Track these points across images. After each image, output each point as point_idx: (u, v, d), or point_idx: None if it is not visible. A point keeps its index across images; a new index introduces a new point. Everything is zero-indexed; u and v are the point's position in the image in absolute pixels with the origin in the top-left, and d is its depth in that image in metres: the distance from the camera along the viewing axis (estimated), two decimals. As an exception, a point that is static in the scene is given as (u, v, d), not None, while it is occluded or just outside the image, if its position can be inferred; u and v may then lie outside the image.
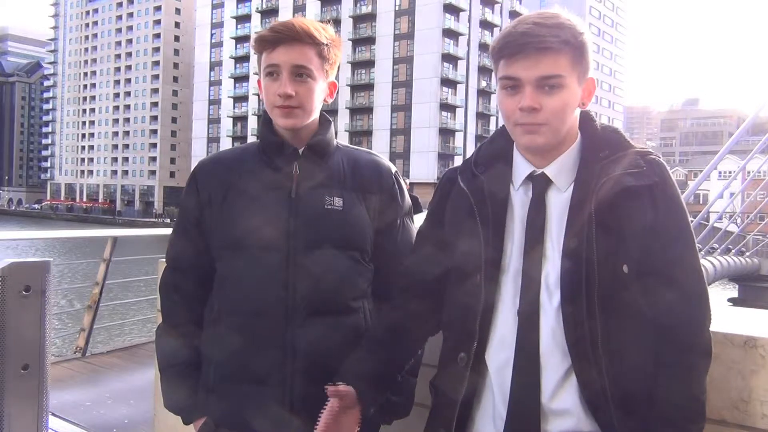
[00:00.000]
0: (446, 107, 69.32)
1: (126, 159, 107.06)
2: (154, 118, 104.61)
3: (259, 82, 1.60)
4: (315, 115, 1.58)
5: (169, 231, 1.86)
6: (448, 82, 69.42)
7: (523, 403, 1.24)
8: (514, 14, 78.46)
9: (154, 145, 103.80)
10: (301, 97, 1.52)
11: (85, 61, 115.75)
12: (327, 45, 1.54)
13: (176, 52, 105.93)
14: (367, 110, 72.58)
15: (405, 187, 1.71)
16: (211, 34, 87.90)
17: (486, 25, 74.60)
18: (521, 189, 1.34)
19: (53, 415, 3.59)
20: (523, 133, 1.27)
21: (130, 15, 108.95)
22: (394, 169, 1.69)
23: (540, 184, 1.32)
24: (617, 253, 1.22)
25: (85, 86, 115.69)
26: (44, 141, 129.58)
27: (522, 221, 1.31)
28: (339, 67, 1.62)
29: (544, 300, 1.26)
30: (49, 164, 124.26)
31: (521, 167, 1.35)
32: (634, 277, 1.23)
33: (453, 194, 1.42)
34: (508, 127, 1.32)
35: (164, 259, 1.74)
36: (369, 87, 72.71)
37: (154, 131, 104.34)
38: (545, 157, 1.32)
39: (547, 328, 1.24)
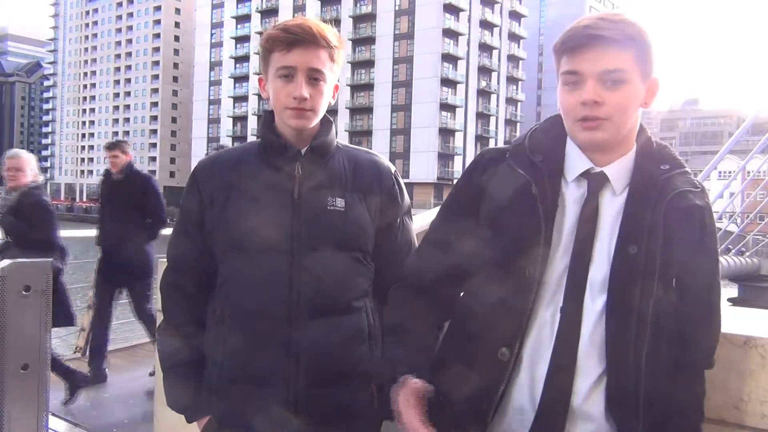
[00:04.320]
0: (446, 107, 69.35)
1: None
2: (154, 118, 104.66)
3: (260, 80, 1.59)
4: (320, 117, 1.59)
5: (168, 231, 1.84)
6: (448, 82, 69.45)
7: (553, 402, 1.22)
8: (514, 14, 78.62)
9: (154, 145, 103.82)
10: (315, 99, 1.51)
11: (85, 61, 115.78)
12: (337, 48, 1.55)
13: (176, 52, 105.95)
14: (367, 110, 72.63)
15: (404, 187, 1.71)
16: (211, 34, 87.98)
17: (486, 25, 74.62)
18: (573, 184, 1.29)
19: (53, 415, 3.59)
20: (584, 129, 1.24)
21: (130, 15, 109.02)
22: (393, 168, 1.68)
23: (596, 183, 1.28)
24: (673, 265, 1.23)
25: (85, 86, 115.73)
26: (44, 141, 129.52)
27: (572, 218, 1.27)
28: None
29: (587, 302, 1.23)
30: (49, 164, 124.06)
31: (577, 161, 1.30)
32: (677, 291, 1.25)
33: (499, 176, 1.33)
34: (567, 124, 1.27)
35: (164, 259, 1.73)
36: (369, 87, 72.75)
37: (154, 131, 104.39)
38: (604, 156, 1.28)
39: (587, 330, 1.22)
